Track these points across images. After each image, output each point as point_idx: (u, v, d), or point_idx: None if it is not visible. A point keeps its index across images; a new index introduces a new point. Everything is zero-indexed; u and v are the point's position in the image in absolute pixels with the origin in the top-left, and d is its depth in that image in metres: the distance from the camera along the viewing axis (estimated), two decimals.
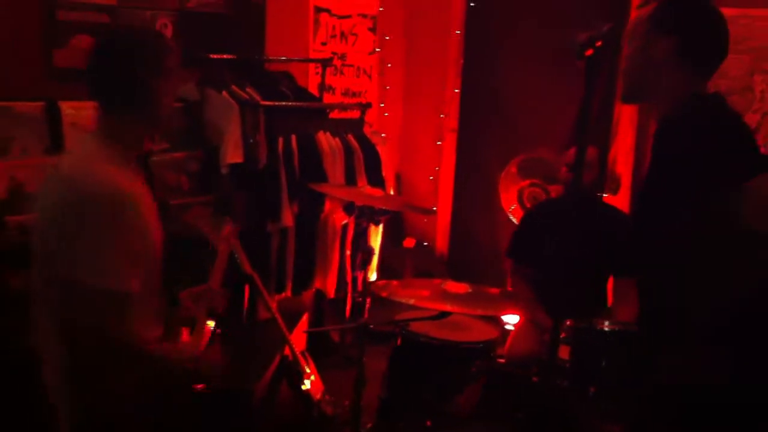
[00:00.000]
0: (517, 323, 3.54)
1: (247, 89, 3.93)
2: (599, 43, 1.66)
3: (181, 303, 2.34)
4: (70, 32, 3.59)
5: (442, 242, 5.59)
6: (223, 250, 2.57)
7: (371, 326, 2.73)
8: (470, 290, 2.90)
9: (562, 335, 2.13)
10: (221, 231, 2.63)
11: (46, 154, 3.24)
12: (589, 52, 1.68)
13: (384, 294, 2.80)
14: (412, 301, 2.78)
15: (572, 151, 3.32)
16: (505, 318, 3.99)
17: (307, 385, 2.93)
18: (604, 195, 4.56)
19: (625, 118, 4.51)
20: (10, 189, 3.08)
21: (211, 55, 3.94)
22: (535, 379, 2.76)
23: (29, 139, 3.24)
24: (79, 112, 3.32)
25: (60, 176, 1.99)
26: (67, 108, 3.33)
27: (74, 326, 1.93)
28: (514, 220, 4.51)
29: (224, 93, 3.84)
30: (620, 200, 4.54)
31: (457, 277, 3.26)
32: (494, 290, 3.02)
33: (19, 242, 2.75)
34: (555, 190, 4.46)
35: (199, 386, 2.22)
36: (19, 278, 2.67)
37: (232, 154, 3.73)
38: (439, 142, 5.55)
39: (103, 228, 1.89)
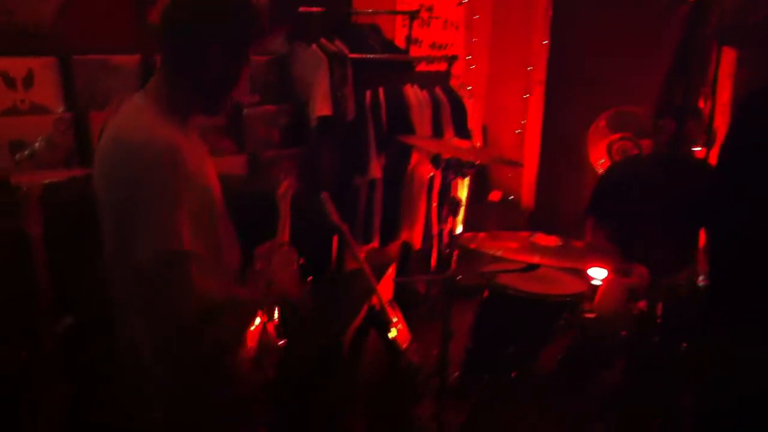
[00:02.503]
0: (606, 277, 3.50)
1: (336, 42, 3.94)
2: None
3: (254, 260, 2.25)
4: None
5: (527, 196, 5.54)
6: (283, 207, 2.53)
7: (458, 278, 2.73)
8: (560, 243, 2.86)
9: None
10: (279, 188, 2.61)
11: None
12: None
13: (471, 246, 2.79)
14: (499, 253, 2.76)
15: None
16: (592, 272, 3.94)
17: (394, 333, 2.97)
18: (698, 149, 4.42)
19: (723, 70, 4.33)
20: None
21: (300, 9, 3.97)
22: (624, 333, 2.72)
23: (126, 91, 3.34)
24: None
25: (111, 130, 1.90)
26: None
27: (142, 295, 1.86)
28: None
29: (313, 46, 3.86)
30: (715, 154, 4.39)
31: (545, 232, 3.23)
32: (583, 244, 2.98)
33: None
34: (646, 145, 4.34)
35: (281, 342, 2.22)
36: None
37: (321, 107, 3.76)
38: (526, 95, 5.47)
39: (155, 187, 1.77)
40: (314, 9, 4.03)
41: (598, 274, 3.78)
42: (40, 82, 3.10)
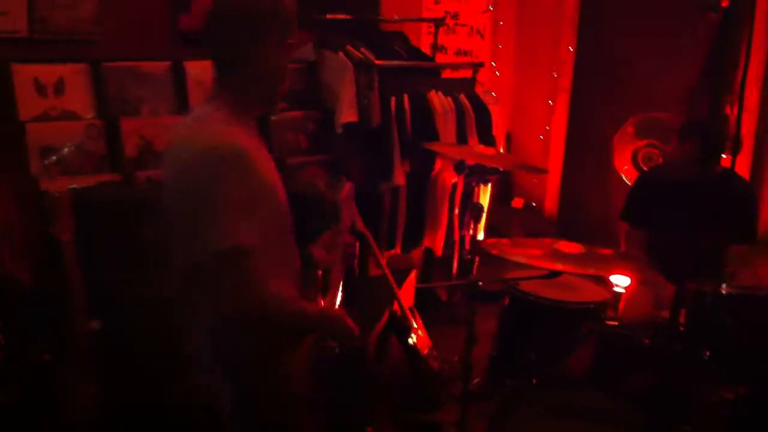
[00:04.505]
0: (630, 285, 3.50)
1: (362, 49, 3.98)
2: None
3: (313, 255, 2.33)
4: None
5: (551, 203, 5.53)
6: (345, 210, 2.57)
7: (481, 284, 2.74)
8: (583, 251, 2.86)
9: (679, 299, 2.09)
10: (340, 191, 2.65)
11: (173, 113, 3.38)
12: (726, 2, 1.62)
13: (494, 252, 2.79)
14: (522, 260, 2.77)
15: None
16: (615, 280, 3.93)
17: (414, 339, 2.99)
18: (725, 156, 4.39)
19: (751, 75, 4.31)
20: (140, 147, 3.23)
21: (328, 16, 4.01)
22: (647, 342, 2.72)
23: (157, 98, 3.40)
24: (204, 72, 3.45)
25: (178, 137, 2.00)
26: (191, 67, 3.46)
27: (210, 289, 1.91)
28: (627, 181, 4.41)
29: (340, 54, 3.90)
30: (740, 163, 4.37)
31: (568, 239, 3.23)
32: (607, 251, 2.98)
33: (147, 196, 2.89)
34: (670, 152, 4.32)
35: (333, 344, 2.26)
36: (149, 229, 2.79)
37: (347, 114, 3.80)
38: (550, 102, 5.47)
39: (222, 183, 1.85)
40: (341, 16, 4.07)
41: (621, 281, 3.78)
42: (71, 88, 3.16)
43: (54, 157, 2.99)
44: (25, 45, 3.12)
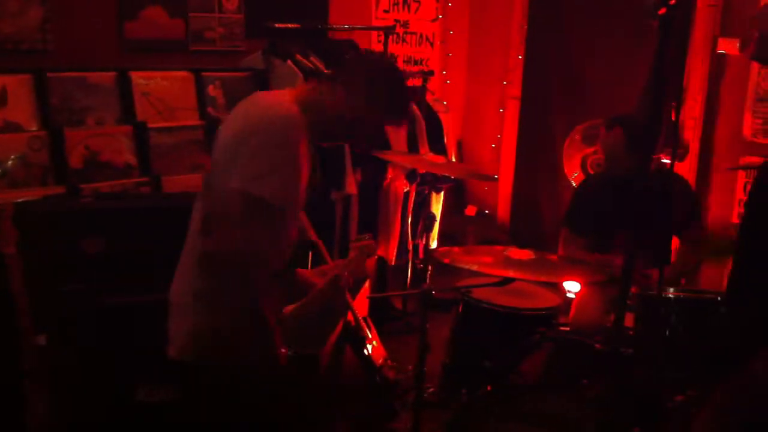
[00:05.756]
0: (580, 291, 3.53)
1: (311, 58, 3.97)
2: (673, 1, 1.62)
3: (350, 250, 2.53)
4: (141, 4, 3.67)
5: (503, 210, 5.57)
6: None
7: (434, 292, 2.74)
8: (533, 257, 2.88)
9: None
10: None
11: (119, 123, 3.33)
12: (663, 10, 1.64)
13: (446, 260, 2.79)
14: (474, 268, 2.77)
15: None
16: (567, 286, 3.97)
17: (369, 350, 2.98)
18: (669, 161, 4.48)
19: (695, 82, 4.40)
20: (85, 158, 3.18)
21: (276, 24, 3.99)
22: (598, 346, 2.75)
23: (103, 108, 3.35)
24: (149, 82, 3.41)
25: (250, 101, 2.14)
26: (137, 78, 3.41)
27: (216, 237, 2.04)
28: None
29: (288, 62, 3.88)
30: (686, 167, 4.45)
31: (519, 246, 3.26)
32: (557, 257, 3.01)
33: (93, 208, 2.85)
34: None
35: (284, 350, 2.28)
36: (92, 242, 2.75)
37: None
38: (501, 110, 5.51)
39: (276, 148, 2.00)
40: (289, 25, 4.05)
41: (573, 287, 3.82)
42: (15, 99, 3.10)
43: None
44: None
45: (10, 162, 2.96)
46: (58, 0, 3.38)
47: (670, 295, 2.66)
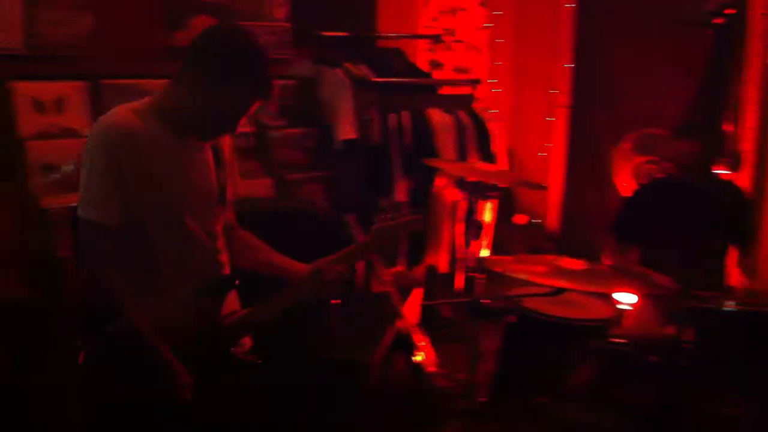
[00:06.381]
0: (635, 302, 3.47)
1: (360, 66, 3.98)
2: (731, 11, 1.59)
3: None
4: (191, 13, 3.71)
5: (553, 219, 5.51)
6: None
7: (484, 301, 2.72)
8: (586, 267, 2.84)
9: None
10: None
11: None
12: (719, 20, 1.61)
13: (497, 269, 2.78)
14: (526, 277, 2.75)
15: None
16: (619, 297, 3.91)
17: (419, 357, 2.96)
18: (723, 172, 4.39)
19: (751, 92, 4.30)
20: None
21: (325, 33, 4.00)
22: (653, 359, 2.69)
23: None
24: None
25: None
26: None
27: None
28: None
29: (338, 70, 3.90)
30: (742, 178, 4.35)
31: (569, 256, 3.22)
32: (610, 268, 2.96)
33: None
34: (669, 168, 4.31)
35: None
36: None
37: (346, 131, 3.79)
38: (550, 118, 5.46)
39: (95, 160, 2.00)
40: (338, 33, 4.06)
41: (624, 298, 3.75)
42: (71, 106, 3.15)
43: (57, 175, 2.98)
44: (22, 62, 3.12)
45: (66, 167, 3.01)
46: (110, 9, 3.43)
47: (730, 308, 2.60)
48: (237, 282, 2.25)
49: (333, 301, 2.48)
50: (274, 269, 2.33)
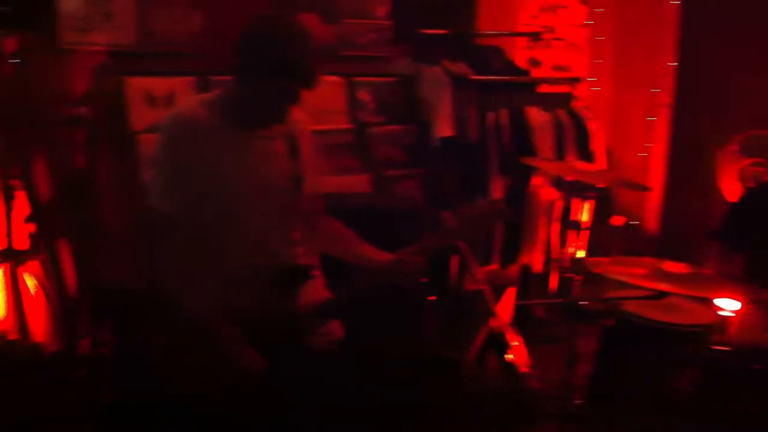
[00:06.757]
0: (740, 308, 3.37)
1: (459, 64, 3.98)
2: None
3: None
4: (295, 11, 3.77)
5: (652, 221, 5.39)
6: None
7: (584, 303, 2.69)
8: (689, 271, 2.77)
9: None
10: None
11: None
12: None
13: (597, 270, 2.74)
14: (626, 279, 2.70)
15: None
16: (720, 303, 3.79)
17: (512, 356, 2.95)
18: None
19: None
20: None
21: (425, 30, 4.02)
22: (757, 367, 2.61)
23: None
24: None
25: None
26: None
27: None
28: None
29: (437, 68, 3.91)
30: None
31: (669, 259, 3.14)
32: (715, 273, 2.88)
33: None
34: None
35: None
36: None
37: (444, 128, 3.81)
38: (651, 118, 5.33)
39: (162, 151, 2.09)
40: (437, 31, 4.07)
41: (726, 304, 3.64)
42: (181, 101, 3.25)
43: None
44: (136, 58, 3.24)
45: None
46: (219, 7, 3.52)
47: None
48: (313, 273, 2.27)
49: (429, 298, 2.51)
50: (362, 259, 2.34)
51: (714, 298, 3.26)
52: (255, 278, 2.15)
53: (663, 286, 2.66)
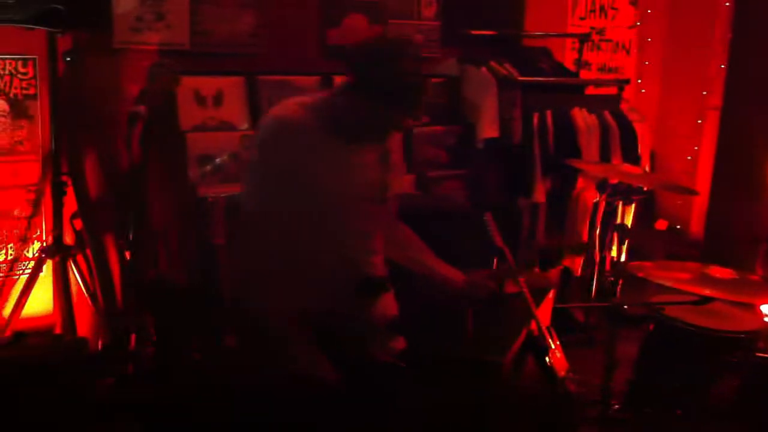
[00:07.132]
0: None
1: (505, 65, 3.98)
2: None
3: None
4: (344, 12, 3.82)
5: (697, 226, 5.32)
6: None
7: (625, 307, 2.68)
8: (735, 276, 2.73)
9: None
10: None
11: None
12: None
13: (640, 275, 2.72)
14: (669, 284, 2.68)
15: None
16: (767, 309, 3.74)
17: (551, 360, 2.94)
18: None
19: None
20: None
21: (471, 31, 4.03)
22: None
23: None
24: None
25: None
26: (339, 81, 3.54)
27: None
28: None
29: (483, 69, 3.92)
30: None
31: (714, 264, 3.10)
32: (761, 278, 2.84)
33: None
34: None
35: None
36: None
37: (488, 129, 3.81)
38: (699, 121, 5.27)
39: (258, 150, 2.09)
40: (485, 32, 4.08)
41: None
42: (229, 100, 3.31)
43: (212, 166, 3.14)
44: (187, 57, 3.30)
45: (223, 158, 3.17)
46: (269, 8, 3.57)
47: None
48: (389, 286, 2.27)
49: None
50: (426, 269, 2.36)
51: (760, 305, 3.22)
52: (335, 286, 2.15)
53: (707, 292, 2.63)
